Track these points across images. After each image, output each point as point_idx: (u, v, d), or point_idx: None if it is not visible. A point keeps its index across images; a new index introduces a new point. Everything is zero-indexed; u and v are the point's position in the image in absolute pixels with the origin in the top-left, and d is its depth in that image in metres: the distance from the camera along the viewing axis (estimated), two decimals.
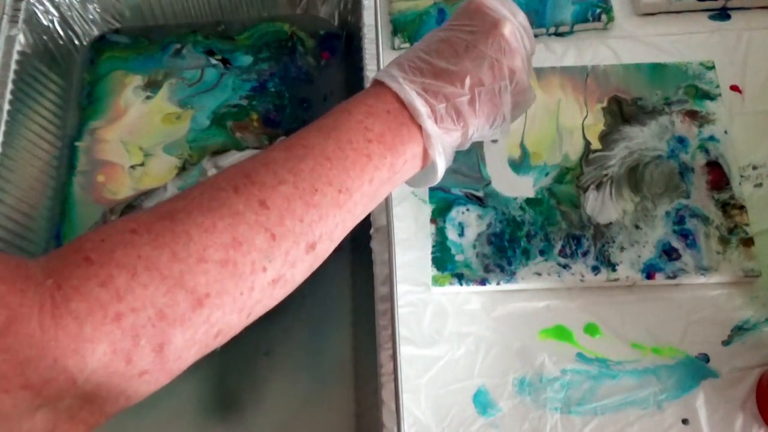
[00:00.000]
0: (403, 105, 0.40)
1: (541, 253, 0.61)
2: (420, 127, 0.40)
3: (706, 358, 0.59)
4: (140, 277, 0.32)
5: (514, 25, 0.43)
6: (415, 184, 0.44)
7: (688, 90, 0.68)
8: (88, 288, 0.31)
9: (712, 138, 0.66)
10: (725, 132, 0.66)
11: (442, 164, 0.41)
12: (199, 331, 0.34)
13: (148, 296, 0.32)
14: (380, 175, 0.39)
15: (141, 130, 0.68)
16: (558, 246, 0.61)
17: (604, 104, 0.68)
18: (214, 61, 0.72)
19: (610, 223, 0.62)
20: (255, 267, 0.35)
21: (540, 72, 0.69)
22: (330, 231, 0.38)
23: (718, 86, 0.68)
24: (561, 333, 0.60)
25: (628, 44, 0.71)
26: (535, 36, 0.72)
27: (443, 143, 0.41)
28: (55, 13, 0.69)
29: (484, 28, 0.42)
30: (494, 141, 0.47)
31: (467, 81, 0.40)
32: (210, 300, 0.34)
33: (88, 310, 0.31)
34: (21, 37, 0.65)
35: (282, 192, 0.36)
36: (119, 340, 0.32)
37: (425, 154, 0.41)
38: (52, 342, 0.30)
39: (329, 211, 0.37)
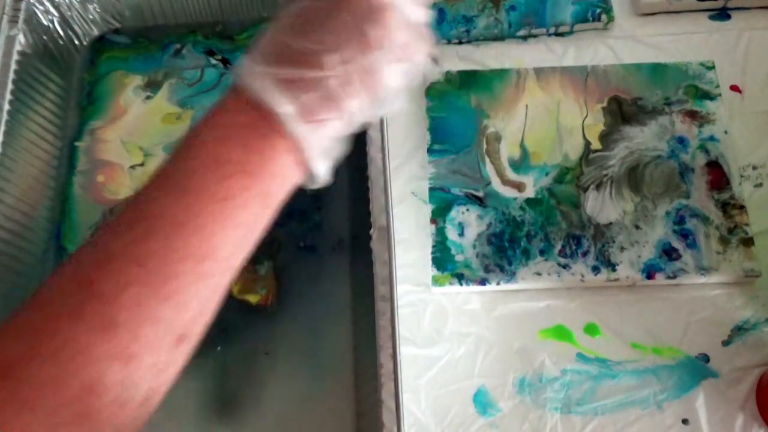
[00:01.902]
0: (265, 108, 0.32)
1: (541, 253, 0.61)
2: (291, 135, 0.33)
3: (706, 358, 0.59)
4: None
5: None
6: (305, 184, 0.36)
7: (688, 90, 0.68)
8: None
9: (712, 138, 0.66)
10: (725, 132, 0.66)
11: (322, 168, 0.34)
12: None
13: None
14: (250, 212, 0.32)
15: (141, 130, 0.68)
16: (558, 246, 0.61)
17: (604, 104, 0.68)
18: (214, 61, 0.72)
19: (610, 223, 0.62)
20: (115, 406, 0.29)
21: (540, 72, 0.69)
22: (200, 309, 0.32)
23: (718, 86, 0.68)
24: (561, 333, 0.60)
25: (628, 44, 0.71)
26: (535, 36, 0.72)
27: (320, 142, 0.33)
28: (55, 13, 0.69)
29: None
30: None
31: (334, 59, 0.32)
32: None
33: None
34: (21, 37, 0.65)
35: (130, 297, 0.29)
36: None
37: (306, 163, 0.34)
38: None
39: (193, 291, 0.31)
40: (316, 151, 0.33)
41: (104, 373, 0.28)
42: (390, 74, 0.34)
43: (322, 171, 0.34)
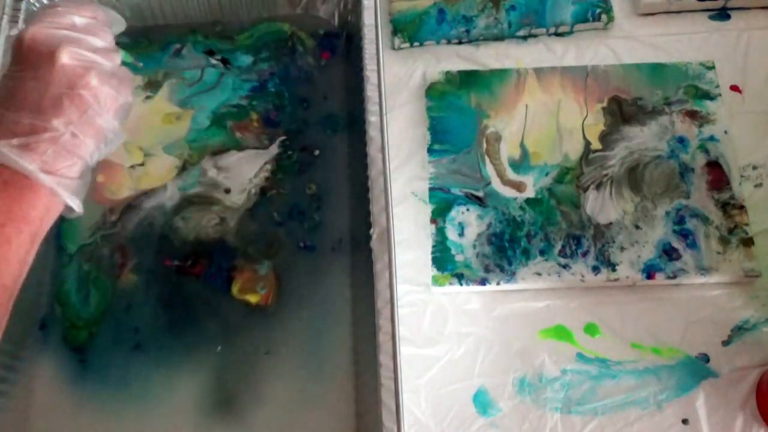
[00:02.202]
0: (15, 170, 0.39)
1: (541, 253, 0.61)
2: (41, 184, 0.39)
3: (706, 358, 0.59)
4: None
5: (71, 45, 0.41)
6: (66, 214, 0.43)
7: (688, 90, 0.68)
8: None
9: (712, 138, 0.66)
10: (725, 132, 0.66)
11: (75, 202, 0.41)
12: None
13: None
14: (25, 250, 0.39)
15: (141, 130, 0.68)
16: (558, 246, 0.61)
17: (604, 104, 0.68)
18: (214, 61, 0.72)
19: (610, 223, 0.62)
20: None
21: (540, 72, 0.69)
22: None
23: (718, 86, 0.68)
24: (561, 333, 0.60)
25: (628, 44, 0.71)
26: (535, 36, 0.72)
27: (67, 183, 0.40)
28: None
29: (43, 67, 0.40)
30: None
31: (58, 125, 0.39)
32: None
33: None
34: None
35: None
36: None
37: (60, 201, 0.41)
38: None
39: None
40: (66, 191, 0.40)
41: None
42: (107, 120, 0.42)
43: (76, 204, 0.41)
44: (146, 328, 0.61)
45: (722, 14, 0.73)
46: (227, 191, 0.66)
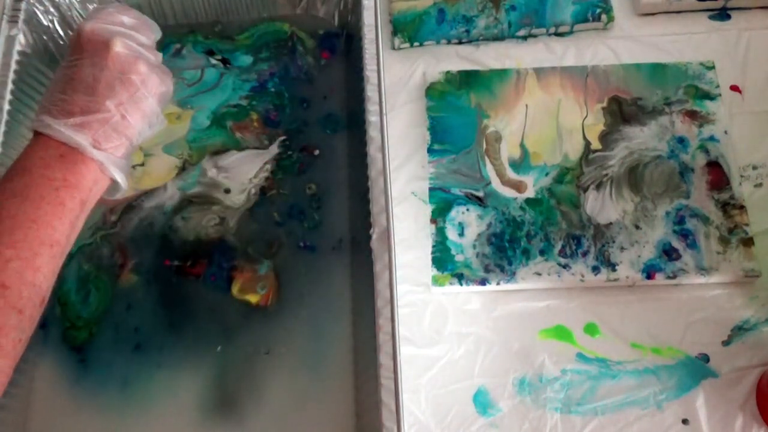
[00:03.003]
0: (71, 146, 0.44)
1: (541, 253, 0.61)
2: (92, 158, 0.45)
3: (706, 358, 0.59)
4: None
5: (123, 38, 0.47)
6: (108, 195, 0.48)
7: (688, 90, 0.68)
8: None
9: (712, 138, 0.66)
10: (725, 132, 0.66)
11: (121, 177, 0.46)
12: None
13: None
14: (76, 214, 0.44)
15: None
16: (558, 246, 0.61)
17: (604, 104, 0.68)
18: (214, 61, 0.72)
19: (610, 223, 0.62)
20: (16, 343, 0.40)
21: (540, 72, 0.69)
22: (52, 281, 0.44)
23: (718, 86, 0.68)
24: (561, 333, 0.60)
25: (628, 44, 0.71)
26: (535, 36, 0.72)
27: (115, 160, 0.45)
28: (55, 13, 0.69)
29: (99, 54, 0.46)
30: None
31: (110, 105, 0.45)
32: None
33: None
34: (21, 37, 0.65)
35: (13, 268, 0.41)
36: None
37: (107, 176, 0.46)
38: None
39: (50, 267, 0.43)
40: (114, 168, 0.45)
41: (7, 319, 0.40)
42: (152, 104, 0.47)
43: (121, 179, 0.46)
44: (146, 328, 0.61)
45: (722, 14, 0.73)
46: (227, 191, 0.66)
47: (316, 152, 0.68)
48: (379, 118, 0.59)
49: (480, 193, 0.64)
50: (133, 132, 0.46)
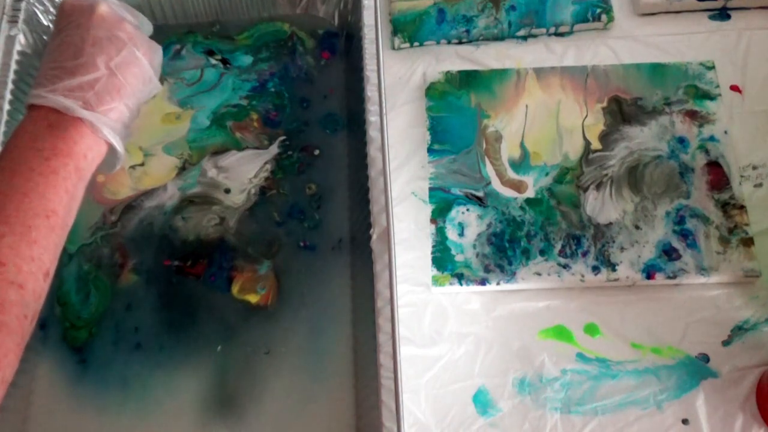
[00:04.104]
0: (60, 112, 0.43)
1: (541, 253, 0.61)
2: (83, 121, 0.43)
3: (706, 358, 0.59)
4: None
5: (107, 1, 0.47)
6: (107, 169, 0.47)
7: (688, 90, 0.68)
8: None
9: (712, 138, 0.66)
10: (725, 132, 0.66)
11: (116, 140, 0.44)
12: None
13: None
14: (72, 182, 0.43)
15: (141, 130, 0.68)
16: (558, 246, 0.61)
17: (604, 104, 0.68)
18: (213, 61, 0.72)
19: (610, 223, 0.62)
20: (21, 320, 0.39)
21: (540, 72, 0.69)
22: (54, 253, 0.42)
23: (718, 86, 0.68)
24: (561, 333, 0.60)
25: (628, 44, 0.71)
26: (535, 36, 0.72)
27: (110, 123, 0.44)
28: (55, 13, 0.69)
29: (84, 17, 0.45)
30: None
31: (98, 62, 0.44)
32: None
33: None
34: (21, 37, 0.65)
35: (7, 243, 0.39)
36: None
37: (102, 140, 0.45)
38: None
39: (48, 238, 0.41)
40: (107, 129, 0.44)
41: (6, 295, 0.38)
42: (143, 64, 0.46)
43: (118, 144, 0.44)
44: (146, 328, 0.61)
45: (722, 14, 0.73)
46: (227, 191, 0.66)
47: (316, 152, 0.68)
48: (379, 118, 0.59)
49: (480, 193, 0.64)
50: (126, 91, 0.45)
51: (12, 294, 0.39)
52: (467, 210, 0.63)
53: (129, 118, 0.46)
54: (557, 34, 0.72)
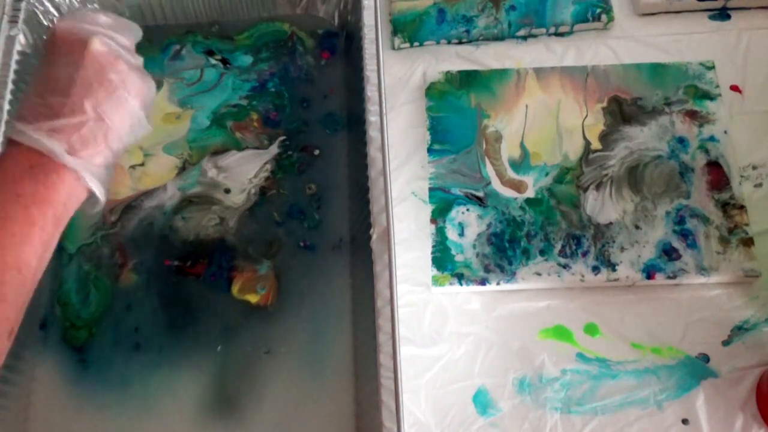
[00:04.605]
0: (43, 154, 0.40)
1: (541, 253, 0.61)
2: (66, 167, 0.41)
3: (706, 358, 0.59)
4: None
5: (101, 36, 0.43)
6: (87, 209, 0.44)
7: (688, 90, 0.68)
8: None
9: (712, 138, 0.66)
10: (725, 132, 0.66)
11: (98, 188, 0.42)
12: None
13: None
14: (48, 232, 0.41)
15: None
16: (558, 246, 0.61)
17: (604, 104, 0.68)
18: (213, 61, 0.72)
19: (610, 223, 0.62)
20: None
21: (540, 72, 0.69)
22: (22, 308, 0.40)
23: (718, 86, 0.68)
24: (561, 333, 0.60)
25: (628, 44, 0.71)
26: (535, 36, 0.72)
27: (93, 169, 0.42)
28: (55, 13, 0.69)
29: (75, 53, 0.43)
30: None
31: (86, 106, 0.41)
32: None
33: None
34: (21, 37, 0.65)
35: None
36: None
37: (83, 186, 0.43)
38: None
39: (18, 294, 0.39)
40: (90, 176, 0.41)
41: None
42: (133, 107, 0.43)
43: (99, 189, 0.42)
44: (146, 328, 0.61)
45: (722, 14, 0.73)
46: (227, 191, 0.66)
47: (316, 152, 0.68)
48: (379, 118, 0.59)
49: (480, 193, 0.64)
50: (113, 137, 0.43)
51: None
52: (467, 210, 0.63)
53: (113, 162, 0.44)
54: (557, 34, 0.72)
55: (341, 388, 0.58)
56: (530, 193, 0.64)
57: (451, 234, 0.62)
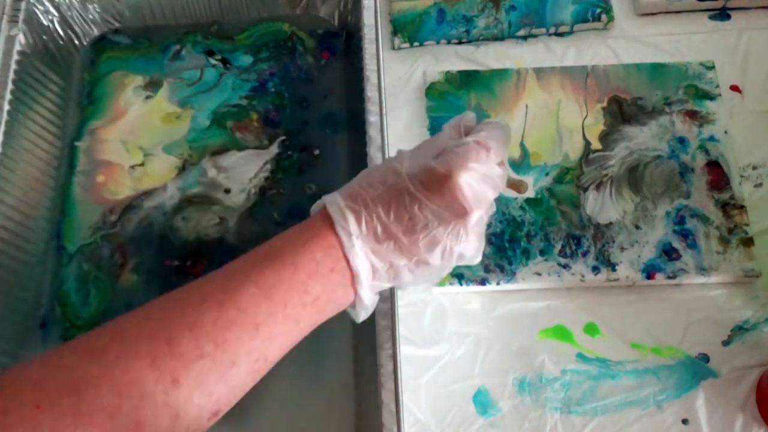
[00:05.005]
0: (348, 264, 0.39)
1: (541, 253, 0.61)
2: (355, 288, 0.40)
3: (706, 358, 0.59)
4: None
5: (482, 215, 0.41)
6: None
7: (688, 90, 0.68)
8: None
9: (712, 138, 0.66)
10: (725, 132, 0.66)
11: (363, 314, 0.42)
12: None
13: None
14: (302, 336, 0.40)
15: (141, 130, 0.68)
16: (558, 246, 0.61)
17: (604, 104, 0.68)
18: (213, 61, 0.72)
19: (610, 223, 0.62)
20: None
21: (540, 72, 0.69)
22: (235, 396, 0.38)
23: (718, 86, 0.68)
24: (561, 333, 0.60)
25: (628, 44, 0.71)
26: (535, 36, 0.72)
27: (370, 297, 0.41)
28: (55, 13, 0.69)
29: (449, 212, 0.39)
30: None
31: (414, 258, 0.40)
32: None
33: None
34: (21, 37, 0.65)
35: (199, 368, 0.35)
36: None
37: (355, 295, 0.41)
38: None
39: (241, 383, 0.37)
40: (367, 303, 0.41)
41: (156, 417, 0.33)
42: (447, 269, 0.42)
43: (363, 316, 0.42)
44: None
45: (722, 14, 0.73)
46: (227, 191, 0.66)
47: (316, 152, 0.68)
48: (379, 118, 0.59)
49: None
50: (408, 283, 0.41)
51: (164, 421, 0.34)
52: None
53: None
54: (557, 34, 0.72)
55: (341, 389, 0.58)
56: (530, 193, 0.64)
57: None
